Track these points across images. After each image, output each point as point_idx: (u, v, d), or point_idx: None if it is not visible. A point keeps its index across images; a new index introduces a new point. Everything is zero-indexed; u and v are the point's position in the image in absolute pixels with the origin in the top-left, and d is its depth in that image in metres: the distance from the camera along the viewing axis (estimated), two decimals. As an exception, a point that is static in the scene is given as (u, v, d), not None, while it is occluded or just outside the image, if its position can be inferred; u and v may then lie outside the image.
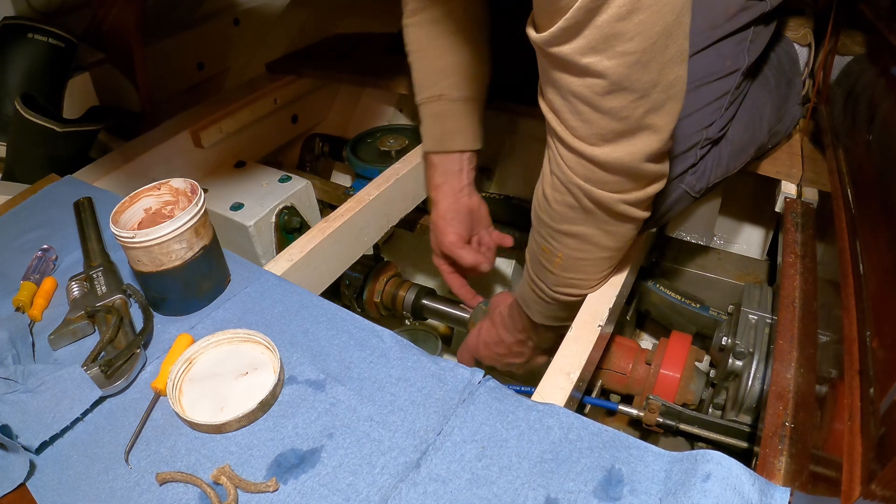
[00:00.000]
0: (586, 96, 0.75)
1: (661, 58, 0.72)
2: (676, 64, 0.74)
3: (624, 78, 0.72)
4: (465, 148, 1.36)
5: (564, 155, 0.85)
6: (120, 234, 0.93)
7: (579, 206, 0.89)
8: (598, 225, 0.91)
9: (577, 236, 0.94)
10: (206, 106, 1.72)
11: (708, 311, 1.44)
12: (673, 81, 0.75)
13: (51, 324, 1.00)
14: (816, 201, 1.24)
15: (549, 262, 1.01)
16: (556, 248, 0.97)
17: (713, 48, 1.01)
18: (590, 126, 0.79)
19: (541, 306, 1.12)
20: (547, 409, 0.82)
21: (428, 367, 0.89)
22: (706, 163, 1.06)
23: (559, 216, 0.93)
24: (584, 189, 0.86)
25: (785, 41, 1.27)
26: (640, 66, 0.71)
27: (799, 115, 1.32)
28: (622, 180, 0.84)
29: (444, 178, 1.37)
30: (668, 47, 0.71)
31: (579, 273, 1.01)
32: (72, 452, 0.83)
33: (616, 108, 0.75)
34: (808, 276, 1.06)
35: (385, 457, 0.78)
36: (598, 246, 0.95)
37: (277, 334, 0.96)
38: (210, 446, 0.82)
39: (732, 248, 1.78)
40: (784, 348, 0.94)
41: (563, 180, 0.87)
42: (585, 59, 0.71)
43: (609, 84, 0.73)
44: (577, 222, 0.92)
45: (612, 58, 0.70)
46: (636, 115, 0.76)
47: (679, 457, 0.74)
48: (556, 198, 0.91)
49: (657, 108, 0.76)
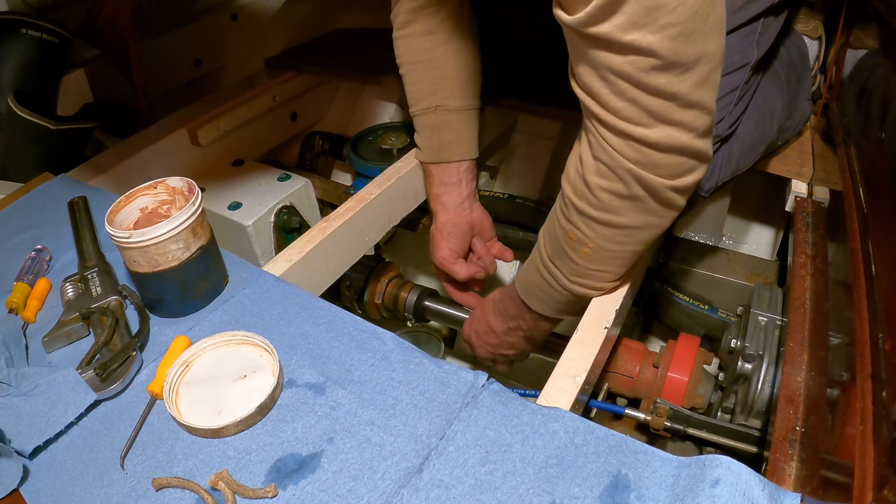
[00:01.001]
0: (631, 75, 0.74)
1: (703, 27, 0.71)
2: (717, 32, 0.73)
3: (670, 52, 0.71)
4: (462, 158, 1.37)
5: (611, 139, 0.82)
6: (115, 234, 0.93)
7: (628, 194, 0.86)
8: (641, 215, 0.89)
9: (618, 226, 0.91)
10: (204, 103, 1.72)
11: (717, 312, 1.44)
12: (715, 51, 0.74)
13: (45, 326, 1.00)
14: (828, 200, 1.24)
15: (574, 252, 0.98)
16: (589, 238, 0.94)
17: None
18: (637, 106, 0.77)
19: (547, 295, 1.10)
20: (552, 413, 0.82)
21: (430, 369, 0.89)
22: (715, 161, 1.06)
23: (602, 205, 0.89)
24: (635, 174, 0.83)
25: (794, 34, 1.27)
26: (683, 37, 0.70)
27: (809, 111, 1.32)
28: (675, 161, 0.82)
29: (443, 188, 1.39)
30: (710, 15, 0.71)
31: (606, 265, 0.98)
32: (66, 457, 0.83)
33: (663, 84, 0.74)
34: (820, 277, 1.06)
35: (386, 462, 0.78)
36: (635, 238, 0.93)
37: (276, 336, 0.96)
38: (207, 451, 0.82)
39: (742, 248, 1.78)
40: (794, 351, 0.94)
41: (612, 165, 0.84)
42: (628, 35, 0.70)
43: (655, 60, 0.72)
44: (621, 212, 0.89)
45: (656, 31, 0.69)
46: (683, 89, 0.75)
47: (687, 462, 0.74)
48: (601, 185, 0.87)
49: (703, 81, 0.75)
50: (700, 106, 0.77)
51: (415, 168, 1.44)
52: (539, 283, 1.09)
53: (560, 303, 1.10)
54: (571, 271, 1.02)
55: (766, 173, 1.33)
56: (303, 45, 2.08)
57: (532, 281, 1.11)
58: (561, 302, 1.09)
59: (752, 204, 1.75)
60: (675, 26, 0.69)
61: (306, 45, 2.09)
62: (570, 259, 1.00)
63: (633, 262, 1.01)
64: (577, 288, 1.04)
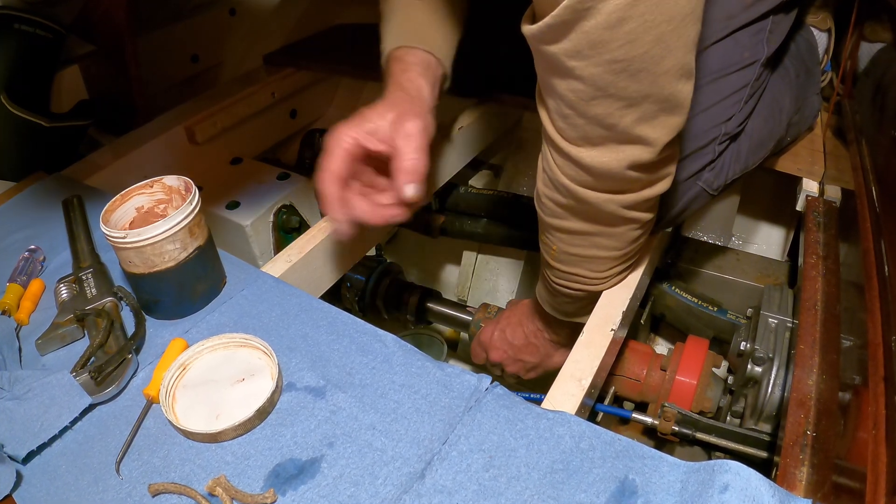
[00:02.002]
0: (571, 100, 0.76)
1: (653, 69, 0.71)
2: (675, 78, 0.73)
3: (609, 84, 0.72)
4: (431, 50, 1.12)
5: (553, 153, 0.86)
6: (110, 234, 0.93)
7: (566, 204, 0.91)
8: (588, 223, 0.92)
9: (568, 231, 0.95)
10: (201, 100, 1.72)
11: (726, 314, 1.44)
12: (668, 96, 0.74)
13: (38, 328, 1.00)
14: (839, 199, 1.23)
15: (547, 255, 1.04)
16: (552, 241, 1.00)
17: (730, 39, 1.01)
18: (575, 129, 0.79)
19: (550, 298, 1.14)
20: (557, 418, 0.82)
21: (433, 373, 0.89)
22: (724, 159, 1.06)
23: (549, 211, 0.95)
24: (570, 189, 0.87)
25: (803, 27, 1.27)
26: (627, 74, 0.71)
27: (818, 106, 1.32)
28: (609, 184, 0.85)
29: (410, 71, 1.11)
30: (664, 59, 0.70)
31: (576, 268, 1.02)
32: (60, 462, 0.83)
33: (601, 114, 0.75)
34: (831, 277, 1.06)
35: (388, 467, 0.78)
36: (591, 243, 0.96)
37: (275, 339, 0.96)
38: (205, 456, 0.82)
39: (751, 248, 1.78)
40: (805, 353, 0.94)
41: (552, 177, 0.89)
42: (570, 62, 0.71)
43: (594, 90, 0.73)
44: (566, 217, 0.94)
45: (598, 65, 0.70)
46: (623, 123, 0.76)
47: (696, 467, 0.74)
48: (546, 193, 0.93)
49: (648, 119, 0.76)
50: (644, 143, 0.78)
51: (417, 166, 1.43)
52: (544, 288, 1.14)
53: (559, 303, 1.13)
54: (552, 273, 1.07)
55: (776, 172, 1.33)
56: (303, 41, 2.08)
57: (541, 286, 1.16)
58: (560, 302, 1.13)
59: (762, 203, 1.75)
60: (620, 62, 0.70)
61: (306, 40, 2.09)
62: (548, 263, 1.05)
63: (618, 265, 1.03)
64: (563, 289, 1.08)
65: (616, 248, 0.98)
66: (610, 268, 1.02)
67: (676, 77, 0.73)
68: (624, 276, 1.07)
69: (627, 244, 0.97)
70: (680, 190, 1.03)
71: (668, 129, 0.78)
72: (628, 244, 0.97)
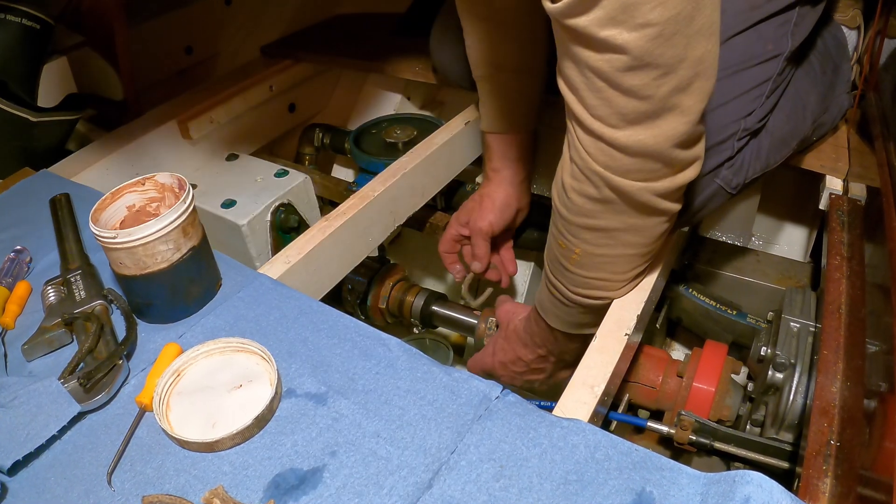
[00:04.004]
0: (605, 72, 0.75)
1: (686, 30, 0.71)
2: (704, 37, 0.73)
3: (646, 53, 0.72)
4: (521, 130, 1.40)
5: (583, 139, 0.84)
6: (100, 234, 0.93)
7: (599, 197, 0.88)
8: (620, 217, 0.90)
9: (597, 230, 0.93)
10: (196, 93, 1.73)
11: (745, 318, 1.44)
12: (701, 57, 0.75)
13: (24, 332, 1.01)
14: (864, 198, 1.23)
15: (566, 259, 1.01)
16: (574, 244, 0.97)
17: (753, 30, 1.01)
18: (609, 105, 0.78)
19: (559, 310, 1.11)
20: (572, 426, 0.82)
21: (440, 378, 0.89)
22: (744, 156, 1.06)
23: (577, 208, 0.92)
24: (604, 177, 0.85)
25: (832, 24, 1.27)
26: (662, 39, 0.71)
27: (847, 105, 1.31)
28: (647, 167, 0.83)
29: (503, 163, 1.43)
30: (695, 18, 0.71)
31: (599, 272, 1.00)
32: (48, 474, 0.83)
33: (638, 85, 0.75)
34: (856, 279, 1.06)
35: (393, 477, 0.78)
36: (620, 241, 0.95)
37: (274, 343, 0.96)
38: (201, 466, 0.82)
39: (772, 249, 1.78)
40: (829, 359, 0.94)
41: (582, 167, 0.87)
42: (604, 31, 0.71)
43: (630, 59, 0.72)
44: (596, 215, 0.91)
45: (633, 30, 0.70)
46: (660, 93, 0.75)
47: (715, 478, 0.74)
48: (574, 186, 0.90)
49: (684, 86, 0.76)
50: (679, 111, 0.78)
51: (422, 163, 1.44)
52: (549, 298, 1.11)
53: (574, 315, 1.11)
54: (570, 281, 1.04)
55: (798, 169, 1.33)
56: (301, 31, 2.08)
57: (544, 296, 1.13)
58: (574, 315, 1.10)
59: (783, 202, 1.75)
60: (653, 26, 0.70)
61: (305, 30, 2.09)
62: (565, 268, 1.02)
63: (639, 266, 1.02)
64: (580, 299, 1.05)
65: (643, 244, 0.96)
66: (633, 267, 1.01)
67: (707, 36, 0.74)
68: (640, 281, 1.07)
69: (654, 240, 0.96)
70: (697, 187, 1.03)
71: (702, 94, 0.78)
72: (655, 240, 0.96)
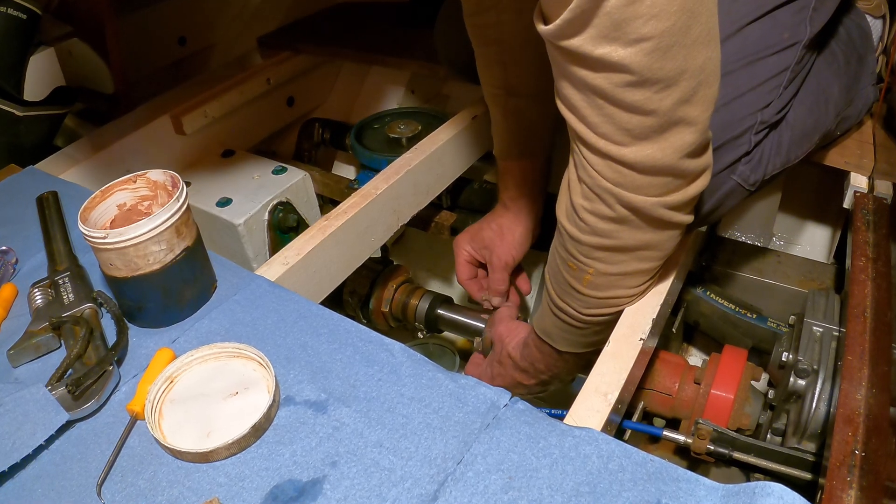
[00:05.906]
0: (605, 90, 0.76)
1: (683, 41, 0.72)
2: (703, 45, 0.74)
3: (644, 67, 0.72)
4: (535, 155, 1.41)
5: (590, 158, 0.85)
6: (90, 234, 0.93)
7: (613, 215, 0.88)
8: (636, 234, 0.90)
9: (611, 249, 0.93)
10: (189, 87, 1.73)
11: (766, 322, 1.43)
12: (702, 65, 0.75)
13: (10, 337, 1.00)
14: (891, 196, 1.23)
15: (577, 282, 1.00)
16: (587, 265, 0.97)
17: (768, 17, 1.00)
18: (613, 123, 0.79)
19: (569, 333, 1.11)
20: (584, 435, 0.82)
21: (445, 385, 0.89)
22: (762, 150, 1.05)
23: (590, 228, 0.92)
24: (616, 195, 0.85)
25: (855, 12, 1.26)
26: (660, 52, 0.71)
27: (872, 98, 1.31)
28: (659, 181, 0.84)
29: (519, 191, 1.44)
30: (691, 28, 0.71)
31: (613, 290, 1.00)
32: (36, 485, 0.83)
33: (640, 101, 0.75)
34: (882, 281, 1.06)
35: (397, 488, 0.78)
36: (634, 257, 0.95)
37: (272, 348, 0.96)
38: (195, 477, 0.82)
39: (794, 249, 1.78)
40: (853, 365, 0.94)
41: (592, 186, 0.87)
42: (599, 49, 0.72)
43: (629, 75, 0.73)
44: (610, 234, 0.91)
45: (628, 45, 0.71)
46: (664, 107, 0.76)
47: (734, 490, 0.74)
48: (586, 206, 0.90)
49: (688, 97, 0.76)
50: (686, 123, 0.78)
51: (427, 160, 1.44)
52: (555, 323, 1.11)
53: (586, 335, 1.11)
54: (582, 304, 1.03)
55: (821, 165, 1.33)
56: (300, 22, 2.08)
57: (548, 322, 1.13)
58: (587, 335, 1.10)
59: (805, 200, 1.74)
60: (649, 40, 0.70)
61: (304, 21, 2.09)
62: (576, 290, 1.01)
63: (653, 278, 1.03)
64: (595, 319, 1.05)
65: (657, 258, 0.97)
66: (646, 280, 1.01)
67: (705, 43, 0.74)
68: (651, 288, 1.06)
69: (667, 253, 0.97)
70: (713, 184, 1.02)
71: (707, 102, 0.79)
72: (668, 253, 0.97)
